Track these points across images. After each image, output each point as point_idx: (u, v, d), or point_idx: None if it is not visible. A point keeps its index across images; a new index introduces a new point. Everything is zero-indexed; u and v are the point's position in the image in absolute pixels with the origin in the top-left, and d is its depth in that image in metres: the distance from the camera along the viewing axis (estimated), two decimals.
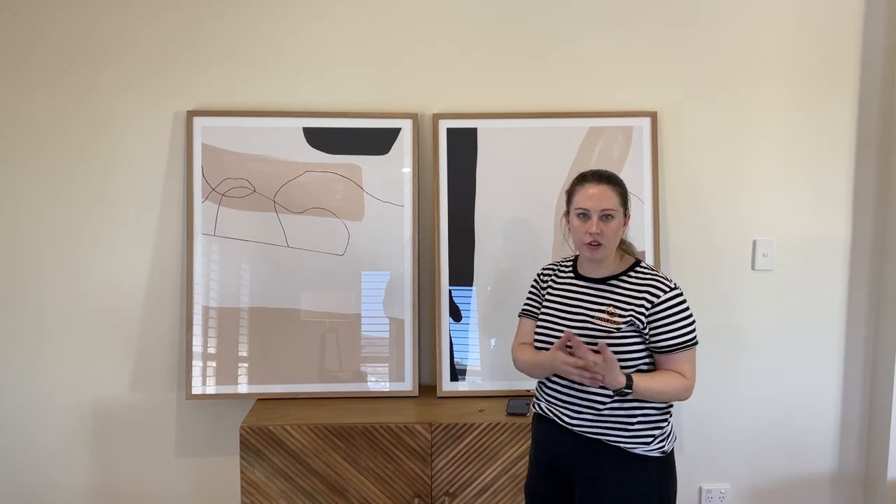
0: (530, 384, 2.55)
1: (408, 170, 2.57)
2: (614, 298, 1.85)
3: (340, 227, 2.56)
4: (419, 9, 2.59)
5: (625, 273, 1.87)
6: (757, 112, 2.66)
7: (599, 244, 1.83)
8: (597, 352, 1.71)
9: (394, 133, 2.57)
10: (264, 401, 2.53)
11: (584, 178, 1.88)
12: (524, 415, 2.36)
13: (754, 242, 2.69)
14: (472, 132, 2.59)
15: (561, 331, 1.88)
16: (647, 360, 1.84)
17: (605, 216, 1.82)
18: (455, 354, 2.57)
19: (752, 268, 2.69)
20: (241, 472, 2.29)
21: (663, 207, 2.64)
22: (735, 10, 2.61)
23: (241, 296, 2.53)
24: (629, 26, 2.61)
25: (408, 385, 2.55)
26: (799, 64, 2.64)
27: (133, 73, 2.56)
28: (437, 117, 2.58)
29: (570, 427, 1.87)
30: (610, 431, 1.84)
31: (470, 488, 2.31)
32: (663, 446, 1.86)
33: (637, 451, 1.83)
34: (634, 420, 1.84)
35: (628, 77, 2.63)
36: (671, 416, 1.90)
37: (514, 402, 2.46)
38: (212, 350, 2.52)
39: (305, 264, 2.55)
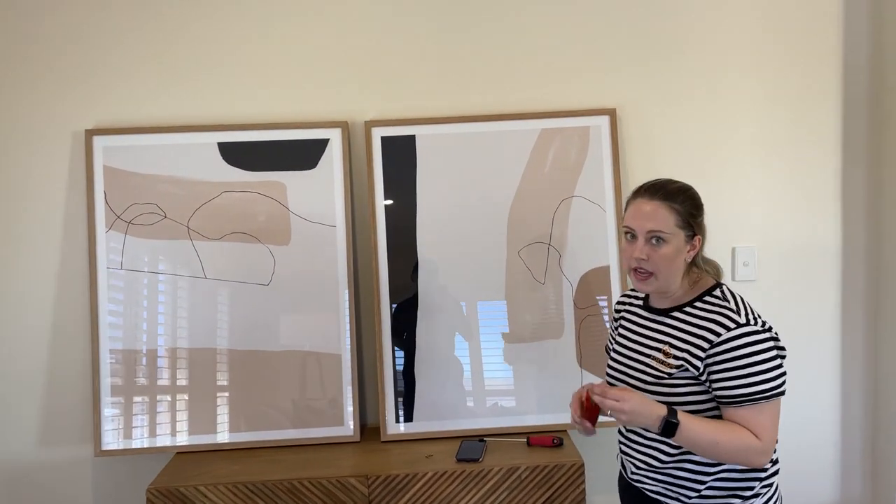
0: (484, 425, 2.24)
1: (339, 185, 2.28)
2: (672, 335, 1.55)
3: (264, 252, 2.26)
4: (344, 4, 2.32)
5: (692, 302, 1.55)
6: (731, 107, 2.39)
7: (648, 273, 1.53)
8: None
9: (321, 144, 2.29)
10: (184, 454, 2.22)
11: (637, 191, 1.58)
12: (477, 460, 2.05)
13: (733, 250, 2.40)
14: (411, 140, 2.30)
15: (621, 372, 1.64)
16: (714, 414, 1.51)
17: (655, 238, 1.51)
18: (416, 390, 2.27)
19: (733, 278, 2.40)
20: None
21: None
22: None
23: (154, 336, 2.23)
24: (582, 16, 2.34)
25: (347, 430, 2.24)
26: (776, 53, 2.37)
27: (25, 90, 2.27)
28: (369, 125, 2.30)
29: (632, 481, 1.65)
30: (673, 490, 1.56)
31: None
32: None
33: None
34: (708, 479, 1.52)
35: (583, 72, 2.35)
36: (770, 485, 1.57)
37: (467, 444, 2.15)
38: (124, 399, 2.22)
39: (226, 297, 2.25)
